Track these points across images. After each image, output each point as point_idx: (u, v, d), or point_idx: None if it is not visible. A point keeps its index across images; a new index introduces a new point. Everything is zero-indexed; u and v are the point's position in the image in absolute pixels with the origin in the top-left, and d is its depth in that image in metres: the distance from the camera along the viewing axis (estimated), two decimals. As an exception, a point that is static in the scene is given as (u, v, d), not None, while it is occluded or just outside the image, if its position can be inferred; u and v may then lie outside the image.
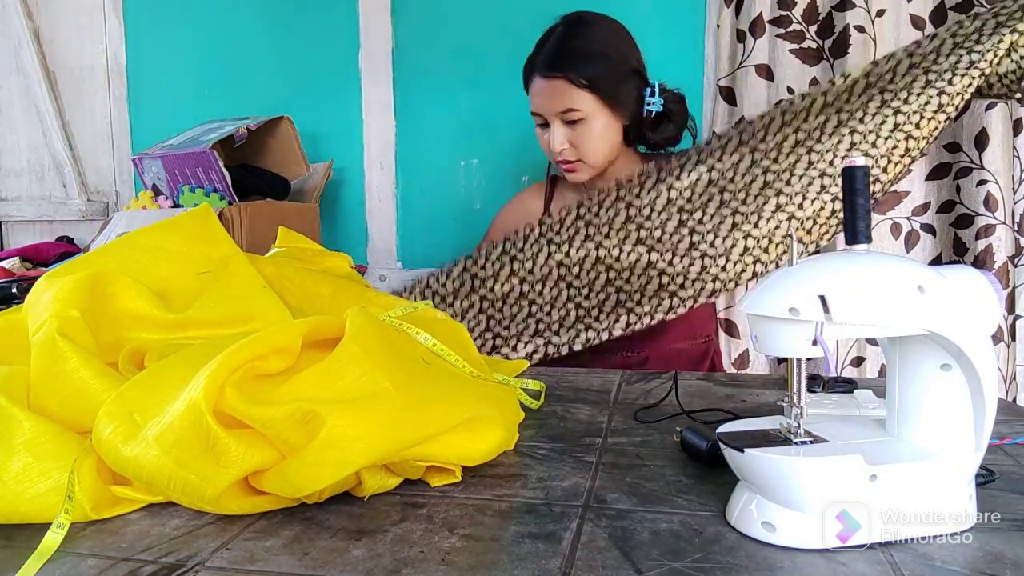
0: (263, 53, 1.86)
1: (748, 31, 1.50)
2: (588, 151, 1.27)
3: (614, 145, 1.30)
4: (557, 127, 1.26)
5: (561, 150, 1.27)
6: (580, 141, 1.27)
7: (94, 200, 2.03)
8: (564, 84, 1.23)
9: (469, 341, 0.89)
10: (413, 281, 1.32)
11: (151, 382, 0.62)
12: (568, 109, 1.24)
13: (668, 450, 0.71)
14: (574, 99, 1.23)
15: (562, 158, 1.29)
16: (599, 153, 1.28)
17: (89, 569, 0.50)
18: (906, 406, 0.57)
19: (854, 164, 0.56)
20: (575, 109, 1.24)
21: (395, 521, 0.57)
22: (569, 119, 1.25)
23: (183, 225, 0.88)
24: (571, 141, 1.27)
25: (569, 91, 1.23)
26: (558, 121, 1.26)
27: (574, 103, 1.24)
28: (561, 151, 1.27)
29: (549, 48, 1.25)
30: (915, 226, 1.51)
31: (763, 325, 0.54)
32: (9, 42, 2.01)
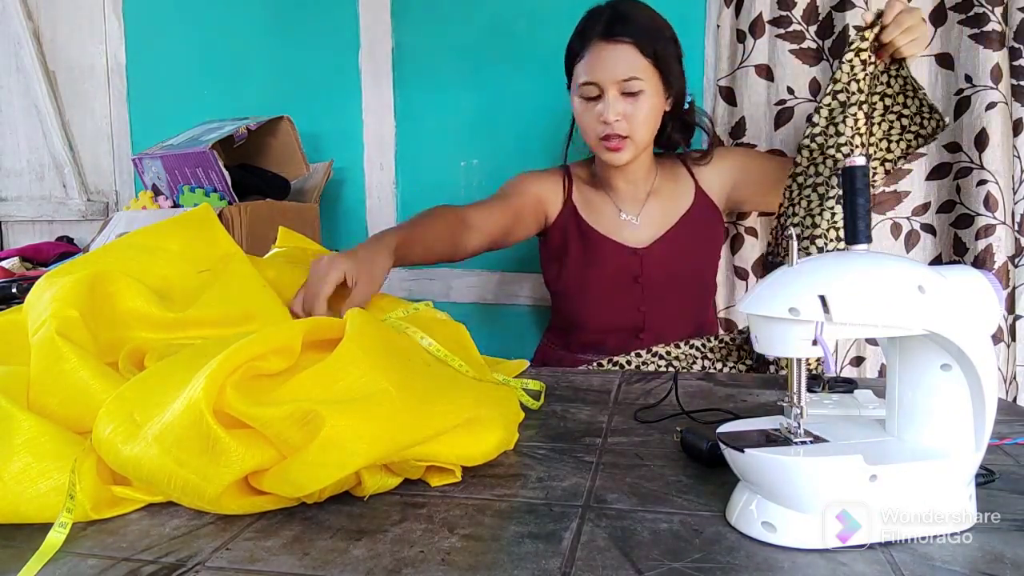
0: (263, 53, 1.86)
1: (748, 31, 1.50)
2: (638, 127, 1.22)
3: (656, 127, 1.26)
4: (613, 97, 1.20)
5: (615, 120, 1.20)
6: (634, 115, 1.21)
7: (94, 200, 2.03)
8: (631, 49, 1.19)
9: (470, 341, 0.89)
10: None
11: (151, 382, 0.62)
12: (631, 77, 1.19)
13: (668, 450, 0.71)
14: (638, 67, 1.19)
15: (613, 131, 1.22)
16: (647, 132, 1.24)
17: (89, 569, 0.50)
18: (906, 406, 0.57)
19: (854, 164, 0.56)
20: (637, 78, 1.19)
21: (395, 521, 0.57)
22: (628, 89, 1.20)
23: (183, 225, 0.88)
24: (625, 114, 1.21)
25: (635, 58, 1.19)
26: (615, 90, 1.20)
27: (638, 71, 1.19)
28: (615, 122, 1.20)
29: (611, 15, 1.21)
30: (915, 226, 1.50)
31: (763, 325, 0.54)
32: (9, 42, 2.01)
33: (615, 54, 1.20)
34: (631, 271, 1.33)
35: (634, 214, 1.36)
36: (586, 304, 1.36)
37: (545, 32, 1.67)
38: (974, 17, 1.38)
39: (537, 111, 1.69)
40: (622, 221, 1.36)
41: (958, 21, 1.41)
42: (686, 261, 1.35)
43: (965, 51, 1.40)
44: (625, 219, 1.36)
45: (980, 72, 1.38)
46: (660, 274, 1.31)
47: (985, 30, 1.36)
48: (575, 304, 1.38)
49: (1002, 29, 1.36)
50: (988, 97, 1.37)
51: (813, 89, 1.51)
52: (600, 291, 1.34)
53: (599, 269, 1.35)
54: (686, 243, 1.34)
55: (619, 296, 1.33)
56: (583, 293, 1.37)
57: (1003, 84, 1.37)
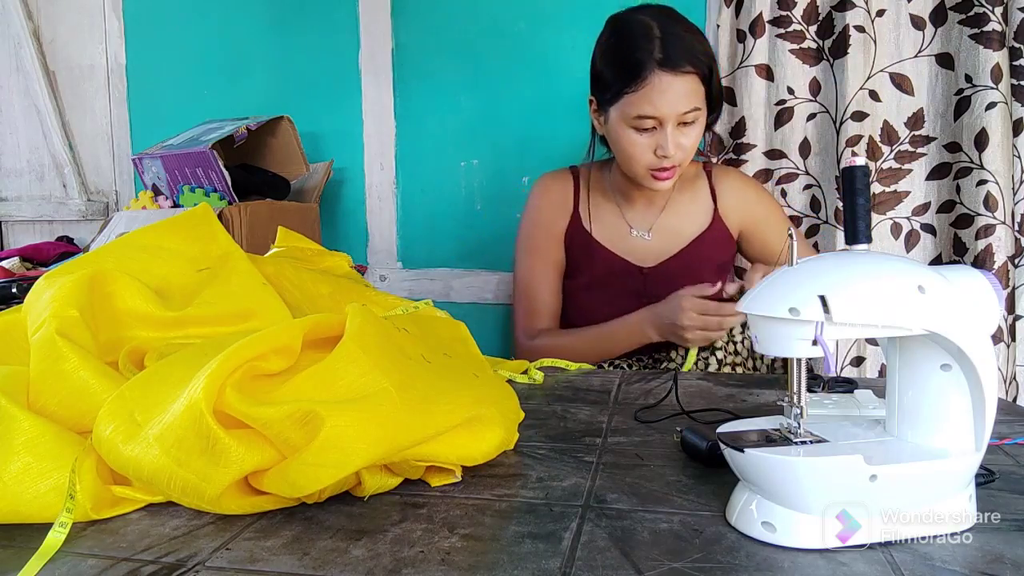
0: (263, 53, 1.86)
1: (748, 31, 1.50)
2: (691, 152, 1.19)
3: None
4: (671, 129, 1.15)
5: (675, 153, 1.15)
6: (689, 143, 1.17)
7: (94, 200, 2.03)
8: (694, 80, 1.14)
9: (470, 338, 0.89)
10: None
11: (152, 382, 0.62)
12: (693, 108, 1.14)
13: (668, 450, 0.71)
14: (699, 96, 1.15)
15: (669, 164, 1.17)
16: (693, 153, 1.21)
17: (89, 569, 0.50)
18: (906, 406, 0.57)
19: (854, 164, 0.56)
20: (697, 108, 1.15)
21: (395, 521, 0.57)
22: (686, 120, 1.15)
23: (182, 224, 0.88)
24: (680, 145, 1.16)
25: (698, 88, 1.14)
26: (674, 123, 1.14)
27: (698, 101, 1.15)
28: (674, 156, 1.16)
29: (668, 39, 1.13)
30: (915, 226, 1.51)
31: (763, 325, 0.54)
32: (9, 42, 2.01)
33: (679, 87, 1.13)
34: (635, 289, 1.29)
35: (645, 230, 1.31)
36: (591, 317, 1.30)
37: (545, 32, 1.67)
38: (974, 17, 1.38)
39: (537, 111, 1.69)
40: (632, 237, 1.31)
41: (958, 21, 1.41)
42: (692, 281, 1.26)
43: (965, 51, 1.40)
44: (635, 235, 1.31)
45: (980, 72, 1.38)
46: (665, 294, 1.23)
47: (985, 30, 1.36)
48: (576, 314, 1.34)
49: (1002, 29, 1.37)
50: (988, 97, 1.37)
51: (813, 89, 1.52)
52: (602, 306, 1.29)
53: (603, 285, 1.31)
54: (695, 265, 1.29)
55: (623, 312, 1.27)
56: (585, 306, 1.33)
57: (1003, 84, 1.37)
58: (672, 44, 1.12)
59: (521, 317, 1.34)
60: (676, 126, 1.15)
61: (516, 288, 1.37)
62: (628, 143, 1.18)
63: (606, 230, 1.32)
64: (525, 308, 1.33)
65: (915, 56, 1.46)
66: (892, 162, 1.49)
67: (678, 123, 1.15)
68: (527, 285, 1.34)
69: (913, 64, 1.46)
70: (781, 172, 1.55)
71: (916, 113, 1.47)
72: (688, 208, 1.32)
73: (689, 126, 1.16)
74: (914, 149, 1.48)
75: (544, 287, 1.32)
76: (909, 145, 1.48)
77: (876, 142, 1.48)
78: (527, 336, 1.32)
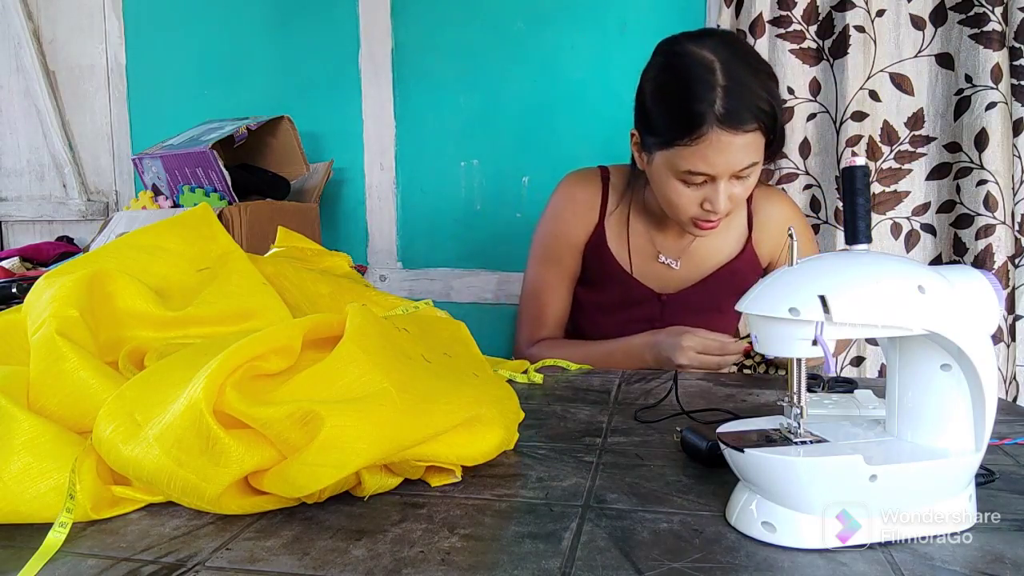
0: (263, 53, 1.86)
1: (748, 31, 1.50)
2: (740, 204, 1.09)
3: None
4: (724, 184, 1.03)
5: (724, 208, 1.05)
6: (741, 194, 1.06)
7: (94, 200, 2.03)
8: (757, 138, 1.00)
9: (470, 339, 0.89)
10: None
11: (152, 382, 0.62)
12: (751, 164, 1.02)
13: (668, 450, 0.71)
14: (759, 150, 1.02)
15: (716, 218, 1.07)
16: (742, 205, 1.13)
17: (89, 569, 0.50)
18: (906, 406, 0.57)
19: (854, 164, 0.56)
20: (756, 162, 1.03)
21: (395, 521, 0.57)
22: (743, 175, 1.04)
23: (182, 224, 0.88)
24: (732, 195, 1.05)
25: (759, 142, 1.01)
26: (727, 178, 1.03)
27: (758, 155, 1.02)
28: (724, 210, 1.05)
29: (733, 89, 0.98)
30: (915, 226, 1.51)
31: (763, 325, 0.54)
32: (9, 42, 2.01)
33: (740, 146, 1.00)
34: (651, 316, 1.23)
35: (674, 257, 1.22)
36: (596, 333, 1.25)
37: (545, 32, 1.67)
38: (974, 17, 1.38)
39: (537, 111, 1.69)
40: (658, 263, 1.22)
41: (958, 21, 1.41)
42: (712, 312, 1.22)
43: (965, 51, 1.40)
44: (664, 262, 1.22)
45: (980, 72, 1.38)
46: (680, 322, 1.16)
47: (985, 30, 1.36)
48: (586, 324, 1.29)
49: (1002, 29, 1.37)
50: (988, 97, 1.38)
51: (813, 89, 1.52)
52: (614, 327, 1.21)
53: (617, 307, 1.24)
54: (717, 295, 1.22)
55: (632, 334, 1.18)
56: (596, 322, 1.27)
57: (1003, 84, 1.37)
58: (735, 96, 0.98)
59: (525, 323, 1.28)
60: (730, 180, 1.04)
61: (524, 292, 1.29)
62: (674, 192, 1.07)
63: (631, 251, 1.22)
64: (531, 315, 1.27)
65: (915, 56, 1.46)
66: (892, 162, 1.49)
67: (736, 177, 1.04)
68: (536, 292, 1.27)
69: (913, 64, 1.46)
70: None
71: (916, 113, 1.47)
72: (722, 234, 1.21)
73: (744, 179, 1.05)
74: (914, 149, 1.48)
75: (554, 298, 1.26)
76: (909, 145, 1.48)
77: (876, 142, 1.48)
78: (528, 343, 1.26)
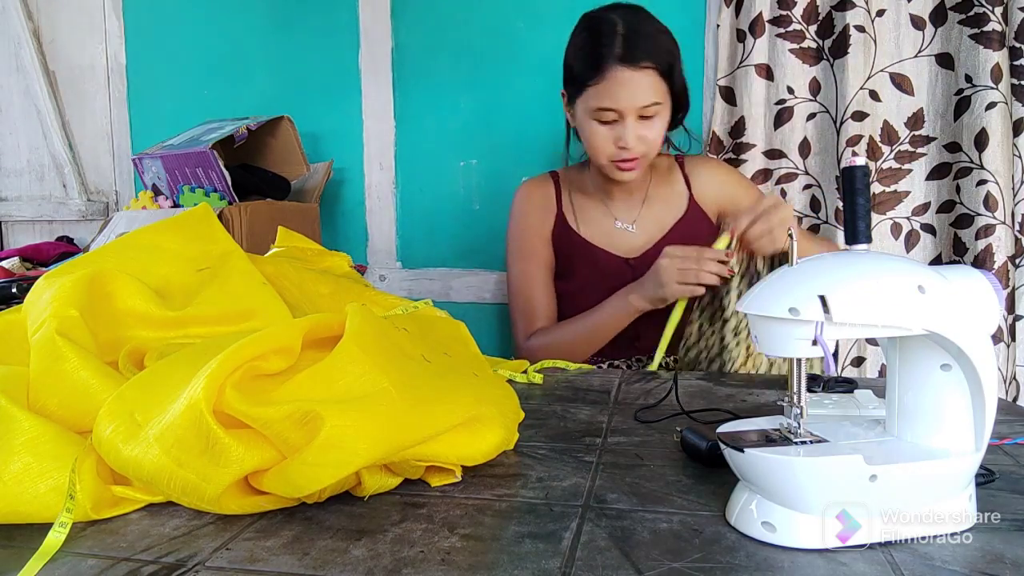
0: (263, 53, 1.86)
1: (748, 31, 1.50)
2: (653, 146, 1.22)
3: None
4: (632, 122, 1.19)
5: (635, 146, 1.20)
6: (650, 136, 1.21)
7: (94, 200, 2.03)
8: (653, 75, 1.17)
9: (470, 338, 0.89)
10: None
11: (152, 382, 0.62)
12: (652, 102, 1.18)
13: (668, 450, 0.71)
14: (657, 91, 1.18)
15: (631, 154, 1.21)
16: (658, 148, 1.25)
17: (89, 569, 0.50)
18: (906, 406, 0.57)
19: (854, 164, 0.56)
20: (657, 103, 1.18)
21: (395, 521, 0.57)
22: (647, 114, 1.19)
23: (182, 224, 0.88)
24: (641, 137, 1.20)
25: (656, 83, 1.17)
26: (634, 116, 1.18)
27: (657, 95, 1.18)
28: (635, 148, 1.20)
29: (630, 36, 1.16)
30: (915, 226, 1.51)
31: (763, 325, 0.54)
32: (9, 42, 2.01)
33: (638, 81, 1.16)
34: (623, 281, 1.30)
35: (630, 222, 1.35)
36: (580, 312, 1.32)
37: (545, 32, 1.67)
38: (974, 17, 1.38)
39: (536, 111, 1.69)
40: (617, 230, 1.35)
41: (958, 21, 1.41)
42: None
43: (965, 51, 1.41)
44: (620, 227, 1.35)
45: (980, 72, 1.38)
46: None
47: (985, 30, 1.36)
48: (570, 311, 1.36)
49: (1002, 29, 1.37)
50: (988, 97, 1.38)
51: (813, 89, 1.52)
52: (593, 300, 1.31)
53: (593, 283, 1.33)
54: None
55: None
56: (577, 301, 1.34)
57: (1003, 84, 1.37)
58: (633, 41, 1.16)
59: (518, 319, 1.37)
60: (637, 119, 1.19)
61: (511, 293, 1.40)
62: (592, 134, 1.23)
63: (592, 226, 1.35)
64: (521, 311, 1.37)
65: (915, 56, 1.46)
66: (892, 162, 1.49)
67: (639, 116, 1.19)
68: (521, 288, 1.37)
69: (913, 64, 1.46)
70: (781, 172, 1.55)
71: (916, 113, 1.47)
72: (666, 198, 1.36)
73: (650, 120, 1.19)
74: (914, 149, 1.48)
75: (538, 288, 1.36)
76: (909, 145, 1.48)
77: (876, 142, 1.48)
78: (525, 336, 1.35)
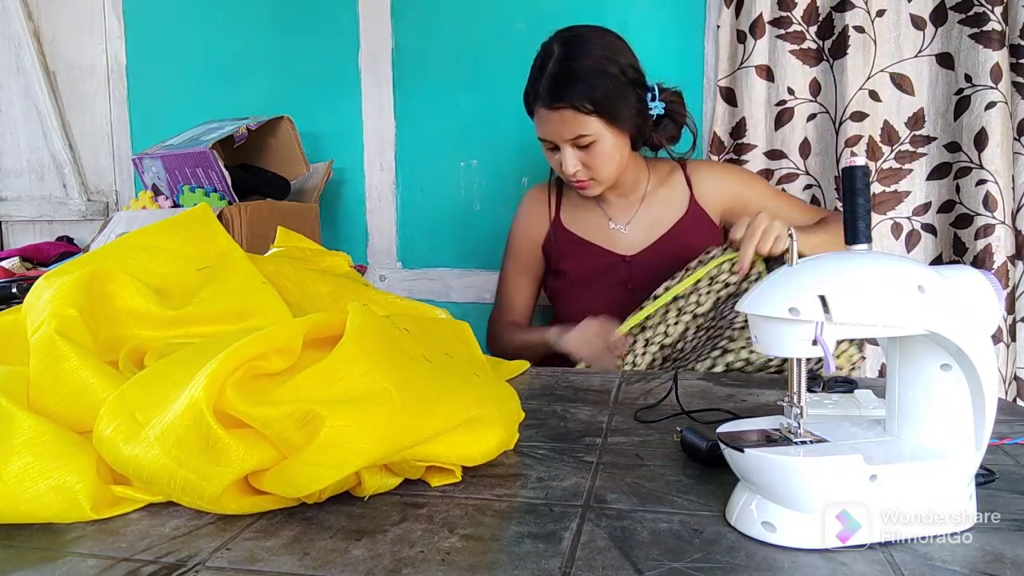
0: (263, 53, 1.86)
1: (748, 31, 1.50)
2: (600, 170, 1.28)
3: (624, 158, 1.30)
4: (568, 151, 1.26)
5: (574, 172, 1.27)
6: (592, 162, 1.27)
7: (94, 200, 2.03)
8: (571, 113, 1.22)
9: (472, 339, 0.89)
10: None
11: (152, 381, 0.62)
12: (578, 135, 1.23)
13: (668, 450, 0.71)
14: (582, 125, 1.23)
15: (575, 179, 1.29)
16: (610, 170, 1.29)
17: (89, 569, 0.50)
18: (906, 406, 0.57)
19: (854, 164, 0.56)
20: (584, 135, 1.23)
21: (395, 521, 0.57)
22: (580, 144, 1.25)
23: (181, 224, 0.88)
24: (583, 162, 1.27)
25: (576, 118, 1.22)
26: (569, 146, 1.25)
27: (583, 129, 1.23)
28: (574, 173, 1.27)
29: (549, 77, 1.23)
30: (916, 226, 1.51)
31: (763, 325, 0.54)
32: (9, 42, 2.01)
33: (557, 119, 1.23)
34: (621, 278, 1.36)
35: (624, 223, 1.39)
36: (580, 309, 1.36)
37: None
38: (974, 17, 1.38)
39: (537, 111, 1.69)
40: (611, 231, 1.39)
41: (958, 21, 1.41)
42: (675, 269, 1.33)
43: (965, 51, 1.40)
44: (614, 228, 1.39)
45: (980, 72, 1.38)
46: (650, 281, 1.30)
47: (985, 29, 1.36)
48: (569, 310, 1.40)
49: (1002, 28, 1.37)
50: (988, 97, 1.38)
51: (813, 89, 1.52)
52: (592, 297, 1.37)
53: (589, 279, 1.38)
54: (677, 250, 1.35)
55: (611, 302, 1.33)
56: (576, 300, 1.39)
57: (1003, 83, 1.37)
58: (549, 80, 1.22)
59: (495, 307, 1.54)
60: (573, 148, 1.25)
61: (498, 283, 1.55)
62: (546, 156, 1.33)
63: (587, 226, 1.41)
64: (500, 302, 1.53)
65: (916, 56, 1.46)
66: (892, 162, 1.49)
67: (574, 145, 1.25)
68: (503, 284, 1.52)
69: (914, 64, 1.46)
70: (781, 172, 1.55)
71: (916, 113, 1.47)
72: (665, 199, 1.39)
73: (589, 147, 1.25)
74: (914, 149, 1.48)
75: (514, 288, 1.50)
76: (910, 145, 1.48)
77: (876, 142, 1.48)
78: (494, 322, 1.52)
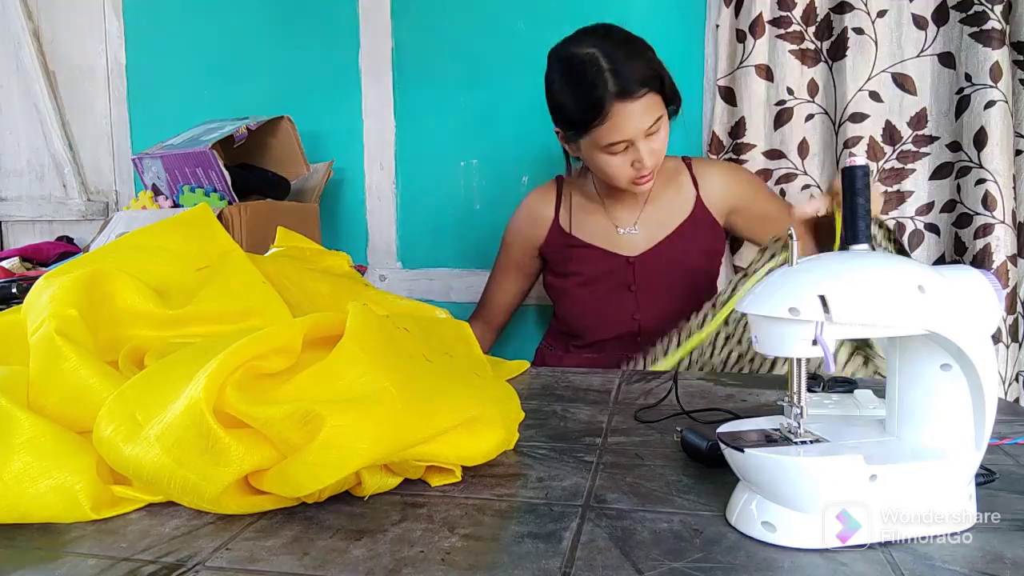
0: (263, 53, 1.85)
1: (748, 31, 1.50)
2: (662, 154, 1.25)
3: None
4: (643, 145, 1.21)
5: (650, 163, 1.22)
6: (660, 149, 1.24)
7: (94, 200, 2.03)
8: (651, 97, 1.19)
9: (472, 339, 0.89)
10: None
11: (152, 381, 0.62)
12: (656, 120, 1.20)
13: (668, 450, 0.71)
14: (658, 107, 1.20)
15: (648, 171, 1.24)
16: (663, 155, 1.26)
17: (89, 569, 0.50)
18: (906, 406, 0.57)
19: (854, 164, 0.56)
20: (660, 116, 1.21)
21: (395, 521, 0.57)
22: (652, 131, 1.21)
23: (182, 224, 0.88)
24: (652, 151, 1.23)
25: (653, 102, 1.19)
26: (643, 138, 1.21)
27: (658, 111, 1.20)
28: (650, 163, 1.22)
29: (618, 69, 1.17)
30: (919, 225, 1.50)
31: (763, 325, 0.54)
32: (9, 42, 2.00)
33: (641, 109, 1.18)
34: (624, 280, 1.34)
35: (630, 225, 1.37)
36: (582, 312, 1.37)
37: (545, 32, 1.66)
38: (974, 16, 1.38)
39: (536, 111, 1.68)
40: (619, 235, 1.37)
41: (959, 20, 1.41)
42: (681, 270, 1.34)
43: (966, 50, 1.40)
44: (622, 232, 1.37)
45: (980, 71, 1.38)
46: (653, 282, 1.31)
47: (985, 28, 1.36)
48: (571, 311, 1.39)
49: (1002, 27, 1.36)
50: (988, 96, 1.37)
51: (812, 90, 1.52)
52: (594, 300, 1.35)
53: (592, 278, 1.36)
54: (681, 252, 1.34)
55: (613, 304, 1.34)
56: (578, 302, 1.38)
57: (1003, 83, 1.37)
58: (622, 73, 1.16)
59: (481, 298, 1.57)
60: (645, 138, 1.21)
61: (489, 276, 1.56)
62: (607, 165, 1.25)
63: (591, 230, 1.38)
64: (483, 296, 1.56)
65: (917, 56, 1.46)
66: (895, 162, 1.49)
67: (647, 135, 1.21)
68: (489, 280, 1.55)
69: (916, 64, 1.46)
70: (780, 172, 1.55)
71: (919, 113, 1.47)
72: (671, 199, 1.37)
73: (656, 134, 1.22)
74: (917, 149, 1.48)
75: (496, 285, 1.52)
76: (912, 145, 1.48)
77: (878, 142, 1.48)
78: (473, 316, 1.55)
